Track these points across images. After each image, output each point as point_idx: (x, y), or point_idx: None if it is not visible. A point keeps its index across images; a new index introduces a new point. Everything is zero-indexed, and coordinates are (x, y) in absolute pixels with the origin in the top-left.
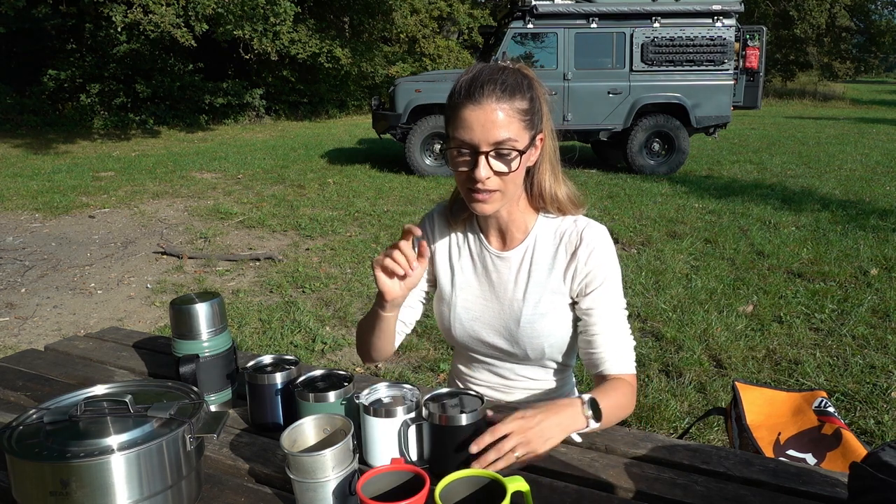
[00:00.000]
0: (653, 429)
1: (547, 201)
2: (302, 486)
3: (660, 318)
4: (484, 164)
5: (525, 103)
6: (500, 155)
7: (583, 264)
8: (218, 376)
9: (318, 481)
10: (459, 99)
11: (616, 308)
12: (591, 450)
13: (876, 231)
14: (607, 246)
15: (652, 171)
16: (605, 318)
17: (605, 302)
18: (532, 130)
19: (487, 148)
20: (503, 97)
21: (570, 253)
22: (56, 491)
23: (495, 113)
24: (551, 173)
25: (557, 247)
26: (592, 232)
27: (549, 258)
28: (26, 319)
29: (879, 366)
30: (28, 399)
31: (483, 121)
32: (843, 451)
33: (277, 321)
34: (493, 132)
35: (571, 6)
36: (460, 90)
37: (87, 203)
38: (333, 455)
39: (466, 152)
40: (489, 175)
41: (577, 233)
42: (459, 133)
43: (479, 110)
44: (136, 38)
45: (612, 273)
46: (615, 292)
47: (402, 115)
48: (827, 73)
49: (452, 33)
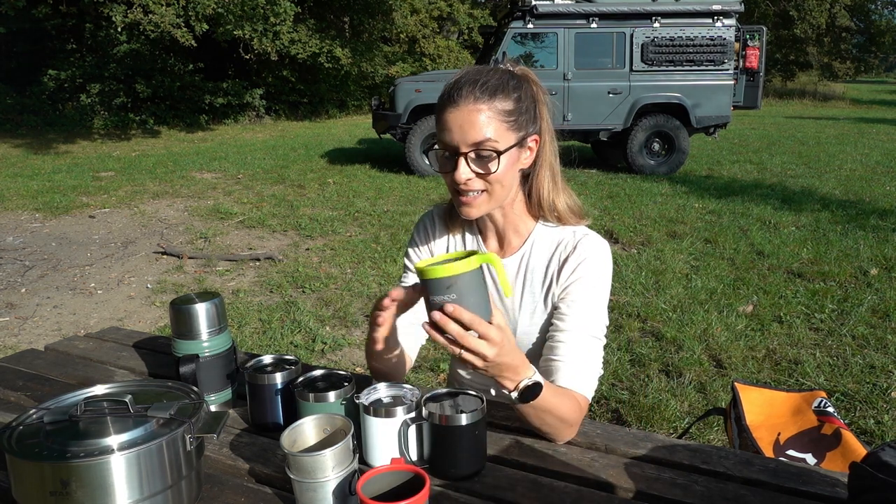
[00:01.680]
0: (653, 429)
1: (545, 209)
2: (302, 485)
3: (660, 318)
4: (463, 166)
5: (509, 104)
6: (479, 156)
7: (570, 272)
8: (218, 376)
9: (318, 481)
10: (442, 101)
11: (589, 322)
12: (591, 450)
13: (876, 231)
14: (601, 260)
15: (652, 171)
16: (574, 329)
17: (580, 312)
18: (518, 132)
19: (466, 149)
20: (482, 98)
21: (563, 260)
22: (56, 491)
23: (473, 114)
24: (550, 180)
25: (552, 255)
26: (589, 243)
27: (544, 266)
28: (26, 319)
29: (879, 366)
30: (28, 399)
31: (461, 122)
32: (843, 451)
33: (277, 321)
34: (470, 133)
35: (571, 6)
36: (443, 94)
37: (87, 203)
38: (333, 455)
39: (448, 154)
40: (470, 176)
41: (574, 242)
42: (441, 135)
43: (457, 112)
44: (137, 38)
45: (597, 287)
46: (594, 308)
47: (402, 115)
48: (827, 73)
49: (452, 33)
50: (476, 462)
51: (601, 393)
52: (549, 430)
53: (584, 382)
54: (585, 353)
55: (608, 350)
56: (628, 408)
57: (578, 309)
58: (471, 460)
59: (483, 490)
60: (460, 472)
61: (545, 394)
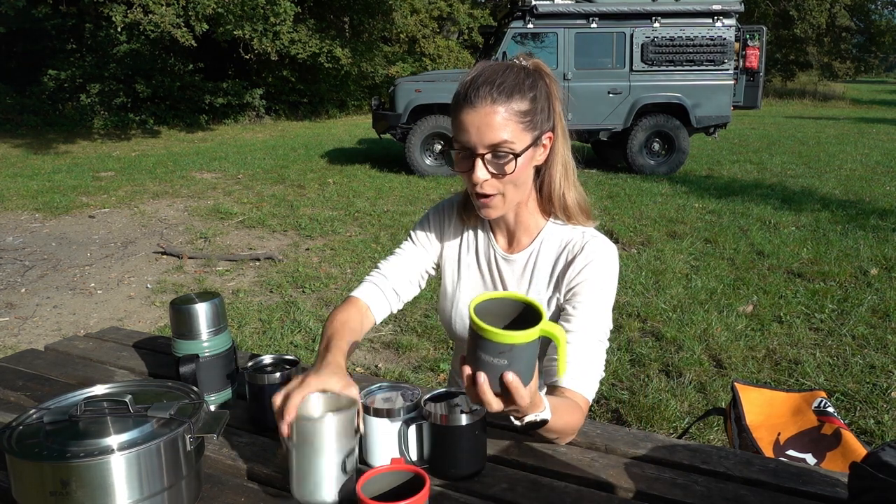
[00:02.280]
0: (653, 429)
1: (556, 204)
2: (300, 452)
3: (660, 318)
4: (480, 167)
5: (525, 104)
6: (496, 157)
7: (575, 273)
8: (218, 376)
9: (315, 450)
10: (458, 101)
11: (594, 325)
12: (591, 450)
13: (876, 231)
14: (607, 263)
15: (652, 171)
16: (579, 330)
17: (584, 314)
18: (534, 131)
19: (483, 150)
20: (499, 99)
21: (569, 261)
22: (56, 491)
23: (490, 116)
24: (563, 174)
25: (559, 255)
26: (597, 245)
27: (550, 265)
28: (26, 319)
29: (879, 366)
30: (28, 399)
31: (478, 123)
32: (843, 451)
33: (277, 321)
34: (488, 134)
35: (571, 6)
36: (459, 93)
37: (87, 203)
38: (334, 422)
39: (465, 155)
40: (486, 177)
41: (581, 244)
42: (458, 136)
43: (475, 113)
44: (136, 38)
45: (602, 289)
46: (599, 310)
47: (402, 115)
48: (827, 73)
49: (452, 33)
50: (476, 462)
51: (601, 393)
52: (550, 439)
53: (586, 384)
54: (589, 354)
55: (608, 350)
56: (628, 408)
57: (584, 310)
58: (471, 460)
59: (483, 490)
60: (460, 472)
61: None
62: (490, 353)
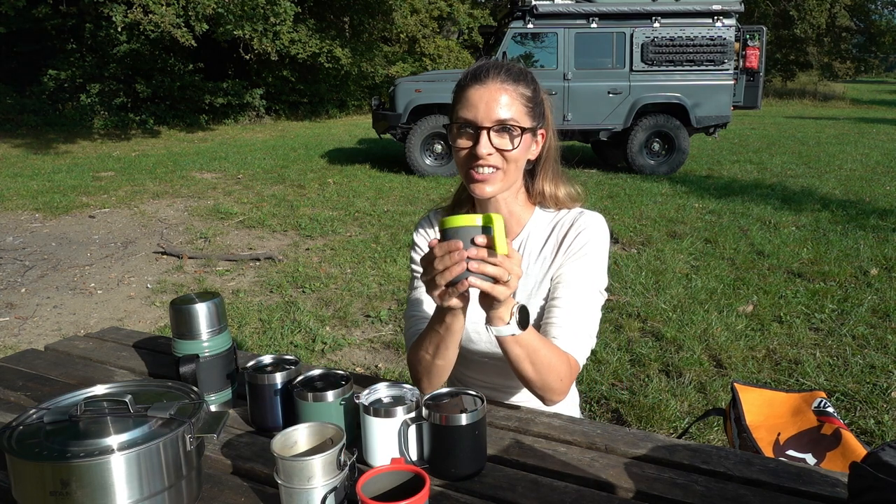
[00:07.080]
0: (653, 429)
1: (547, 198)
2: (288, 491)
3: (660, 318)
4: (485, 140)
5: (529, 91)
6: (503, 130)
7: (569, 242)
8: (218, 376)
9: (304, 488)
10: (465, 82)
11: (587, 288)
12: (591, 450)
13: (876, 231)
14: (599, 230)
15: (652, 171)
16: (571, 292)
17: (577, 277)
18: (535, 120)
19: (490, 124)
20: (508, 80)
21: (560, 238)
22: (56, 491)
23: (499, 93)
24: (553, 175)
25: (549, 236)
26: (587, 218)
27: (539, 248)
28: (26, 319)
29: (879, 366)
30: (28, 399)
31: (487, 99)
32: (843, 451)
33: (277, 321)
34: (496, 110)
35: (571, 6)
36: (466, 75)
37: (87, 203)
38: (321, 463)
39: (468, 130)
40: (490, 151)
41: (571, 220)
42: (463, 112)
43: (484, 89)
44: (136, 38)
45: (594, 252)
46: (592, 273)
47: (402, 115)
48: (827, 73)
49: (452, 33)
50: (476, 462)
51: (601, 393)
52: (541, 375)
53: (576, 345)
54: (581, 316)
55: (608, 350)
56: (628, 408)
57: (576, 270)
58: (471, 460)
59: (483, 490)
60: (460, 472)
61: (530, 330)
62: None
